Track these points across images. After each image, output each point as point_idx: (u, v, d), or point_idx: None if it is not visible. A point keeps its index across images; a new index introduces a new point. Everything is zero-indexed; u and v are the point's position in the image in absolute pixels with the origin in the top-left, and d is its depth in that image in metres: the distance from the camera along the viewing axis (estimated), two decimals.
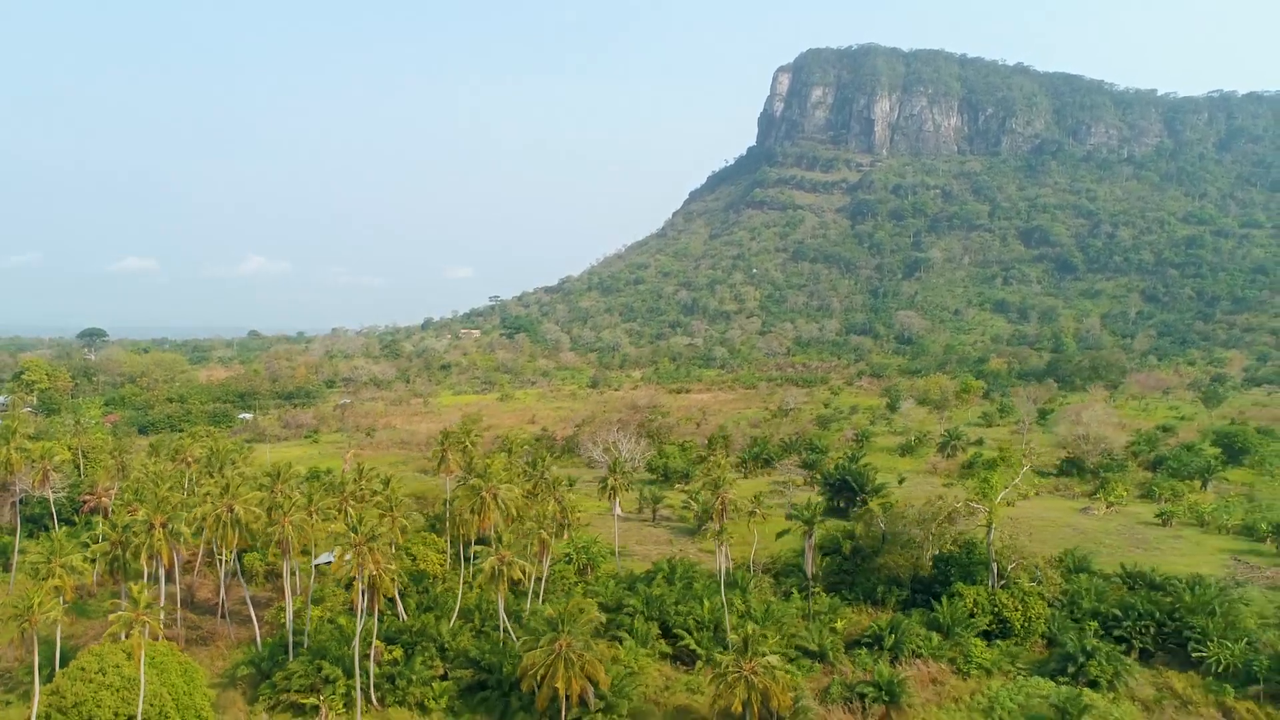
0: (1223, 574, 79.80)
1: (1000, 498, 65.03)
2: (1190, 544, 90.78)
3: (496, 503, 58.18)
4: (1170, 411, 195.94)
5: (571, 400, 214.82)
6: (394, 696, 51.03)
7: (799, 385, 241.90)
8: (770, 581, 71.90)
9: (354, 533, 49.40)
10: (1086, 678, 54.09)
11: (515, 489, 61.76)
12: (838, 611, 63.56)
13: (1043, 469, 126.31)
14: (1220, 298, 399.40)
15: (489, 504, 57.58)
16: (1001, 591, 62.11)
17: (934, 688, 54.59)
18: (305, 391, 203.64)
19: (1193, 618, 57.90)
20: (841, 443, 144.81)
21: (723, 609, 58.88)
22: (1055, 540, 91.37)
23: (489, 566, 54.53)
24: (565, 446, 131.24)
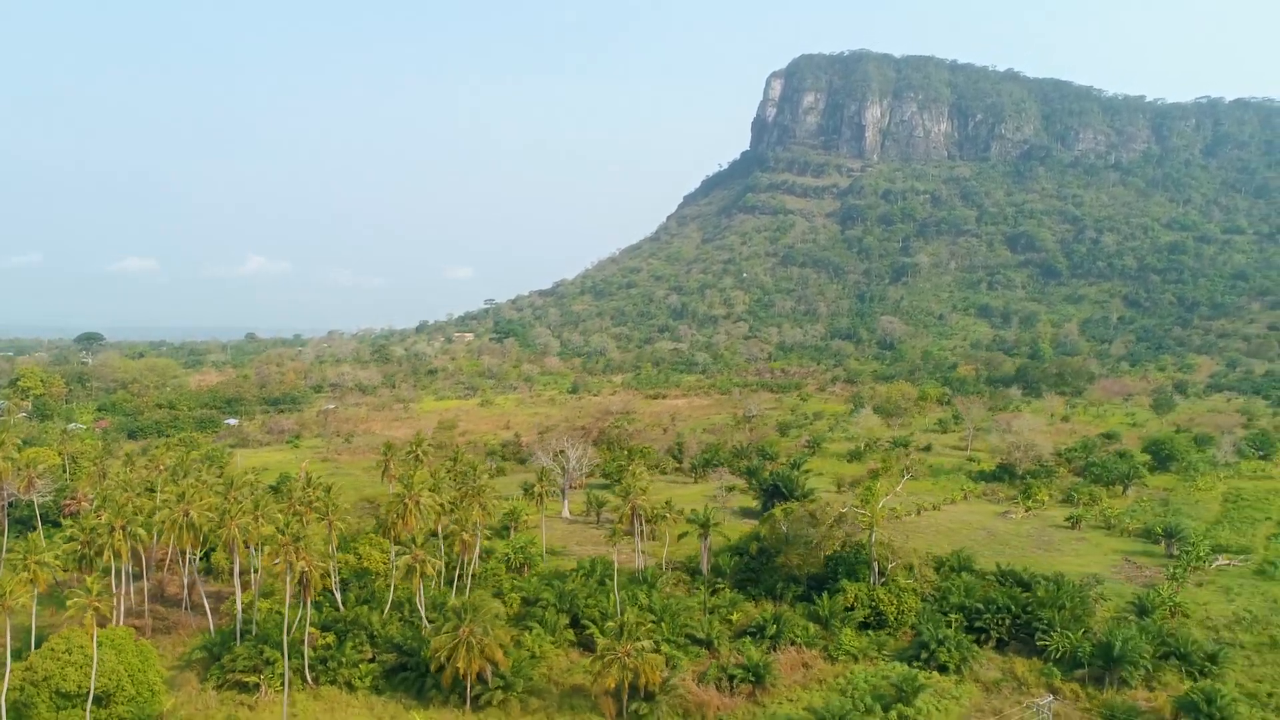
0: (1107, 573, 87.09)
1: (883, 504, 72.19)
2: (1091, 545, 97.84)
3: (418, 509, 65.66)
4: (1126, 418, 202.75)
5: (550, 406, 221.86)
6: (326, 677, 58.37)
7: (773, 391, 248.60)
8: (686, 578, 79.23)
9: (281, 535, 56.90)
10: (936, 662, 61.18)
11: (435, 497, 69.16)
12: (737, 605, 70.81)
13: (981, 473, 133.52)
14: (1200, 303, 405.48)
15: (410, 509, 65.08)
16: (880, 588, 69.28)
17: (804, 671, 61.66)
18: (291, 397, 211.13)
19: (1042, 611, 65.00)
20: (795, 449, 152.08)
21: (626, 602, 66.17)
22: (966, 542, 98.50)
23: (403, 564, 62.20)
24: (530, 452, 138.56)
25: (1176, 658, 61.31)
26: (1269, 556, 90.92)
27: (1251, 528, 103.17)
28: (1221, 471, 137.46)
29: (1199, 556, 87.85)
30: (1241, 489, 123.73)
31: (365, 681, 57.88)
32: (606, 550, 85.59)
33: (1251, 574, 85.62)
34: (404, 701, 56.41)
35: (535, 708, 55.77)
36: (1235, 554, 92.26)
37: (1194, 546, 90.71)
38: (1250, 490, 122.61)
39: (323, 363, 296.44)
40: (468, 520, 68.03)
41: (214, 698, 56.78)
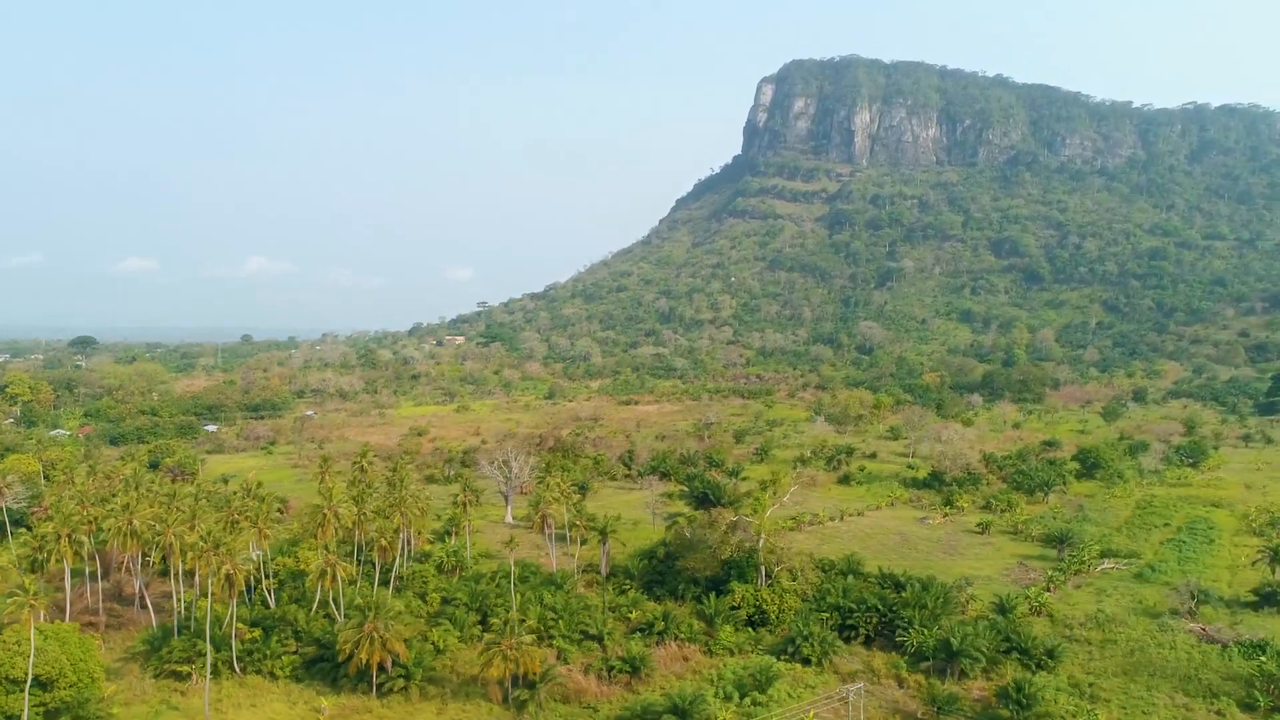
0: (998, 575, 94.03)
1: (770, 512, 79.09)
2: (994, 550, 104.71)
3: (336, 519, 72.75)
4: (1078, 424, 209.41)
5: (524, 412, 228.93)
6: (253, 667, 65.32)
7: (743, 396, 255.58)
8: (600, 579, 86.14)
9: (203, 543, 63.90)
10: (801, 655, 68.01)
11: (353, 508, 76.30)
12: (638, 604, 77.59)
13: (914, 480, 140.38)
14: (1177, 309, 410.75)
15: (329, 520, 72.15)
16: (765, 589, 76.16)
17: (683, 663, 68.44)
18: (272, 403, 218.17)
19: (905, 610, 71.77)
20: (745, 456, 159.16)
21: (531, 602, 73.17)
22: (878, 546, 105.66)
23: (316, 568, 69.29)
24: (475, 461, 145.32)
25: (1018, 652, 68.18)
26: (1152, 561, 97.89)
27: (1148, 533, 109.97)
28: (1146, 479, 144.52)
29: (1083, 561, 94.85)
30: (1156, 496, 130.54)
31: (286, 671, 64.94)
32: (542, 555, 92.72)
33: (1130, 577, 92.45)
34: (318, 689, 63.38)
35: (433, 694, 62.76)
36: (1123, 558, 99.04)
37: (1082, 551, 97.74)
38: (1163, 497, 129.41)
39: (308, 368, 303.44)
40: (388, 528, 75.18)
41: (151, 685, 63.84)
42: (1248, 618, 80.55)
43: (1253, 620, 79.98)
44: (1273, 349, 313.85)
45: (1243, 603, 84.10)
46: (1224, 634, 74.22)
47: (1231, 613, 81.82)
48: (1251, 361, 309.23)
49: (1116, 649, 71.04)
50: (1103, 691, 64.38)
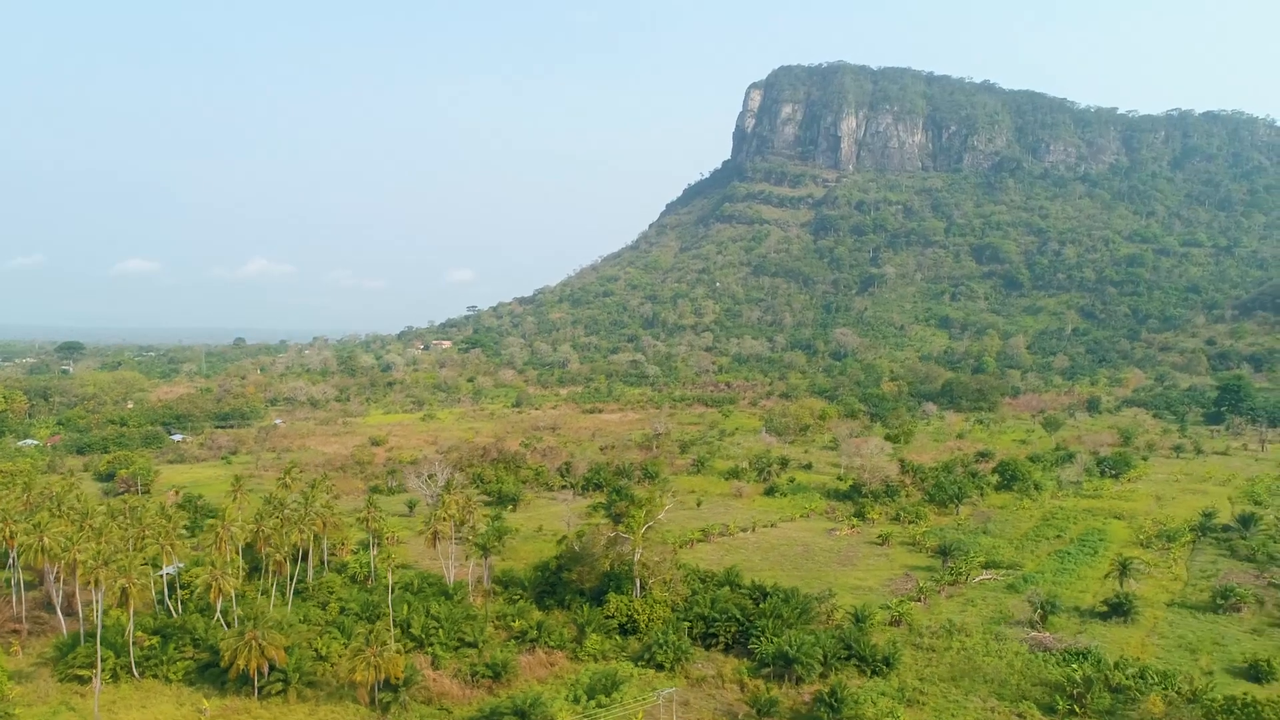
0: (881, 585, 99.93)
1: (644, 529, 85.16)
2: (887, 561, 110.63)
3: (229, 536, 78.97)
4: (1025, 434, 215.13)
5: (488, 420, 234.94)
6: (150, 672, 71.55)
7: (706, 405, 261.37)
8: (500, 589, 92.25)
9: (92, 561, 70.18)
10: (655, 661, 74.13)
11: (245, 527, 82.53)
12: (524, 614, 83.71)
13: (837, 492, 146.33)
14: (1151, 316, 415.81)
15: (222, 538, 78.37)
16: (638, 599, 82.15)
17: (548, 669, 74.57)
18: (241, 413, 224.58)
19: (761, 620, 77.87)
20: (685, 467, 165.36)
21: (418, 612, 79.30)
22: (778, 557, 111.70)
23: (201, 582, 75.53)
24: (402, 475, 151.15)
25: (857, 659, 74.25)
26: (1029, 572, 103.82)
27: (1038, 545, 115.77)
28: (1064, 490, 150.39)
29: (962, 571, 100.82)
30: (1062, 508, 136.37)
31: (179, 675, 71.13)
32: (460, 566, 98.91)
33: (1003, 587, 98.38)
34: (206, 692, 69.49)
35: (309, 696, 68.85)
36: (1004, 569, 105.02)
37: (964, 562, 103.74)
38: (1069, 509, 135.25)
39: (286, 375, 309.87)
40: (283, 543, 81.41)
41: (55, 688, 70.13)
42: (1093, 627, 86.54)
43: (1097, 629, 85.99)
44: (1234, 357, 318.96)
45: (1095, 613, 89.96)
46: (1057, 642, 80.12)
47: (1080, 622, 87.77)
48: (1213, 370, 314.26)
49: (951, 656, 77.03)
50: (924, 696, 70.33)
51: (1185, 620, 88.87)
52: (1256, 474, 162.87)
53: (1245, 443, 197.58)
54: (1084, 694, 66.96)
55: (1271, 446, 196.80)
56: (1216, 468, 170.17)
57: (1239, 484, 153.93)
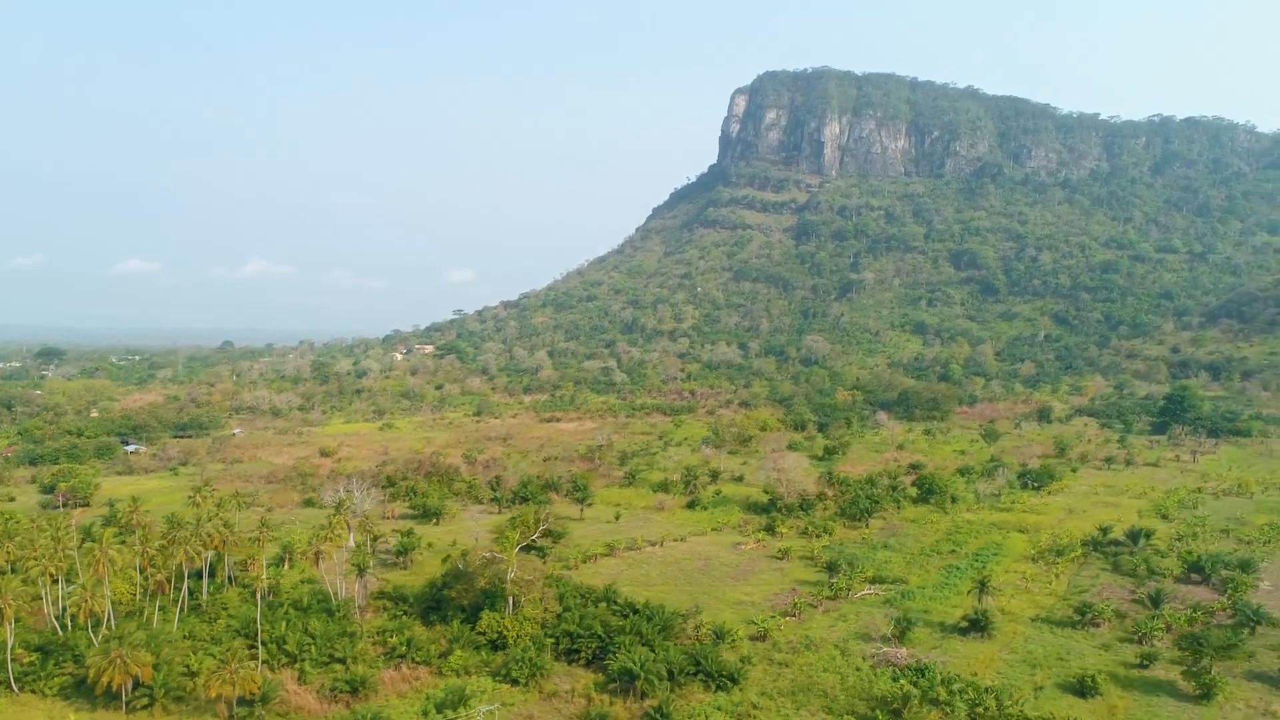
0: (766, 600, 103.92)
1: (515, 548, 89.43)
2: (780, 576, 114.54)
3: (108, 558, 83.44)
4: (967, 444, 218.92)
5: (446, 430, 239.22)
6: (30, 687, 75.89)
7: (665, 414, 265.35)
8: (390, 605, 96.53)
9: None
10: (510, 676, 78.34)
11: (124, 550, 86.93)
12: (404, 630, 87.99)
13: (756, 505, 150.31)
14: (1122, 323, 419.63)
15: (100, 559, 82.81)
16: (509, 616, 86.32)
17: (411, 684, 78.76)
18: (200, 422, 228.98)
19: (619, 637, 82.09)
20: (617, 479, 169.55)
21: (293, 629, 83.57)
22: (678, 571, 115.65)
23: (74, 603, 79.85)
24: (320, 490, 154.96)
25: (704, 675, 78.44)
26: (911, 588, 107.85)
27: (931, 559, 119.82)
28: (982, 502, 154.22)
29: (844, 587, 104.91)
30: (970, 521, 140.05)
31: (54, 690, 75.53)
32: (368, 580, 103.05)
33: (880, 603, 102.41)
34: (78, 706, 73.88)
35: (174, 711, 73.08)
36: (889, 584, 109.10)
37: (850, 577, 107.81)
38: (976, 522, 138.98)
39: (257, 381, 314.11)
40: (167, 562, 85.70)
41: None
42: (951, 642, 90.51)
43: (954, 644, 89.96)
44: (1194, 365, 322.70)
45: (957, 628, 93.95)
46: (909, 657, 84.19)
47: (940, 637, 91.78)
48: (1172, 378, 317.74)
49: (794, 672, 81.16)
50: (758, 711, 74.35)
51: (1042, 635, 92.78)
52: (1176, 486, 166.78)
53: (1179, 454, 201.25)
54: (901, 709, 71.06)
55: (1205, 457, 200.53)
56: (1140, 480, 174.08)
57: (1155, 497, 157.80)
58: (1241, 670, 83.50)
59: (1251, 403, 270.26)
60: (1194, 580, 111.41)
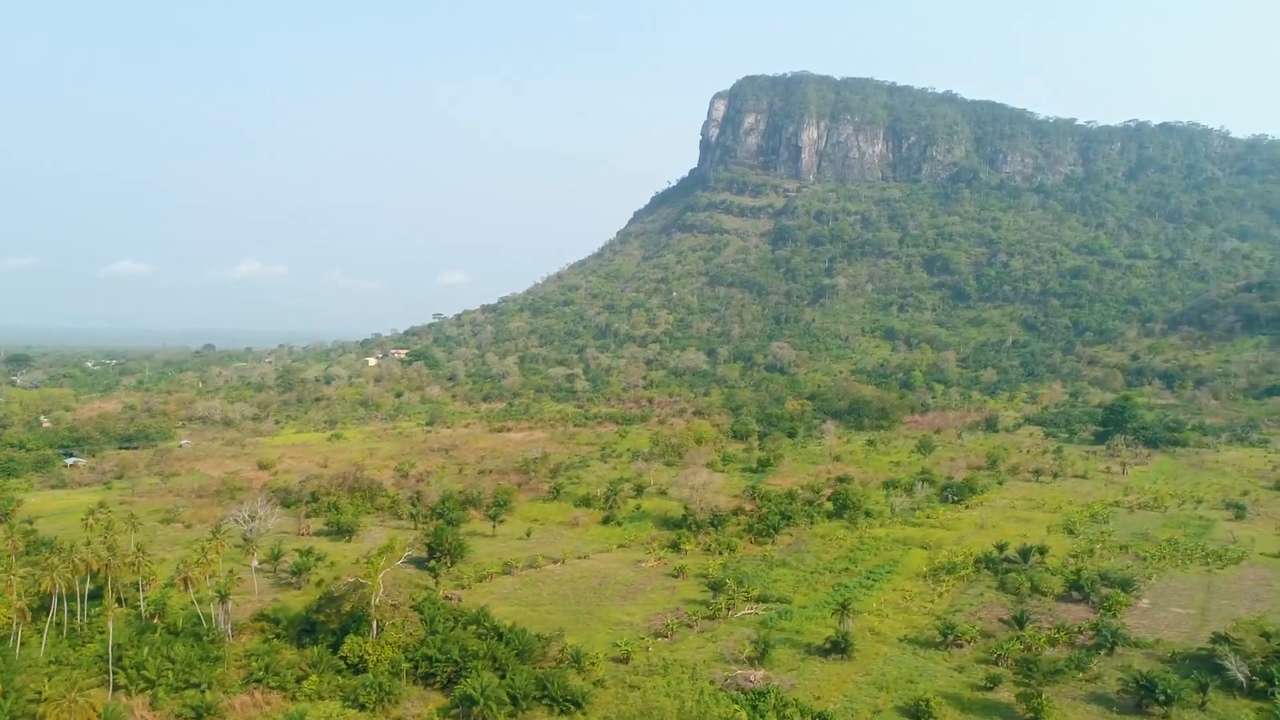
0: (645, 620, 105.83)
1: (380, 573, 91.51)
2: (669, 594, 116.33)
3: None
4: (906, 455, 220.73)
5: (395, 440, 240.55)
6: None
7: (618, 422, 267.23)
8: (270, 627, 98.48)
9: None
10: (359, 701, 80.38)
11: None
12: (267, 654, 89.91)
13: (671, 520, 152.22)
14: (1089, 329, 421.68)
15: None
16: (370, 640, 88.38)
17: (261, 708, 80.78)
18: (146, 434, 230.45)
19: (472, 661, 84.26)
20: (543, 493, 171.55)
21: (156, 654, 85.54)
22: (571, 589, 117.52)
23: None
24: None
25: (549, 699, 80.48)
26: (793, 607, 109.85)
27: (821, 578, 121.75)
28: (898, 517, 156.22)
29: (718, 607, 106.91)
30: (877, 537, 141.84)
31: None
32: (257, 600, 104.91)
33: (756, 623, 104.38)
34: None
35: None
36: (775, 603, 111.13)
37: (734, 596, 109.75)
38: (881, 539, 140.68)
39: (218, 389, 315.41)
40: (31, 589, 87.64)
41: None
42: (811, 664, 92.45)
43: (813, 666, 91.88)
44: (1149, 373, 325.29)
45: (820, 649, 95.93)
46: (765, 681, 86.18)
47: (802, 659, 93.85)
48: (1127, 385, 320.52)
49: (640, 695, 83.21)
50: None
51: (903, 657, 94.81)
52: (1095, 500, 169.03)
53: (1111, 465, 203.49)
54: None
55: (1137, 469, 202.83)
56: (1063, 493, 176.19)
57: (1070, 511, 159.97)
58: (1084, 693, 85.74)
59: (1200, 411, 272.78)
60: (1075, 598, 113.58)
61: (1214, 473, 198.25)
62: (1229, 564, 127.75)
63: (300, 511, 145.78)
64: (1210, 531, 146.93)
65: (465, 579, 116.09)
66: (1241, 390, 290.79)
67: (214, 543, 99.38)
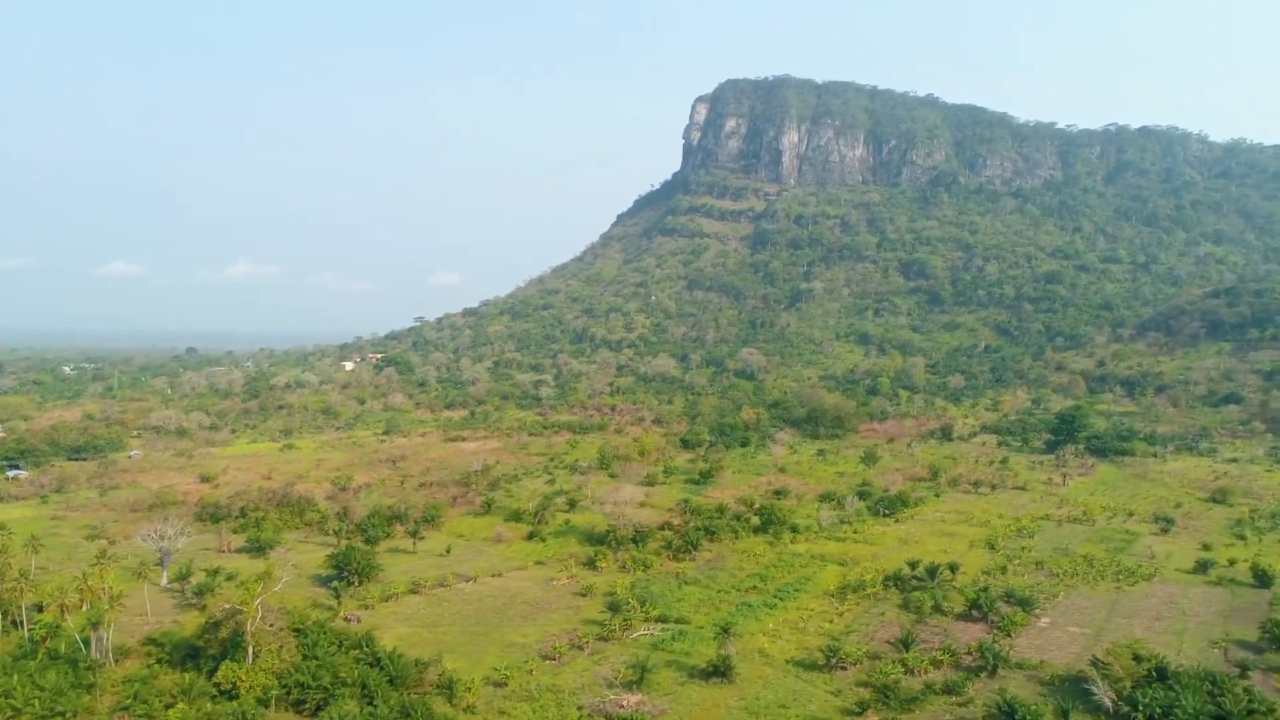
0: (537, 642, 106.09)
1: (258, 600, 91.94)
2: (572, 615, 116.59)
3: None
4: (850, 466, 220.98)
5: (348, 450, 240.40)
6: None
7: (575, 431, 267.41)
8: (156, 649, 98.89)
9: None
10: None
11: None
12: (154, 680, 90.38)
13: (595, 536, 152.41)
14: (1061, 334, 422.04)
15: None
16: (244, 666, 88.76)
17: None
18: (96, 444, 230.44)
19: (340, 689, 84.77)
20: (476, 507, 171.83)
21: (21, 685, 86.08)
22: (476, 608, 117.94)
23: None
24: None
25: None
26: (687, 629, 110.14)
27: (728, 596, 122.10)
28: (825, 531, 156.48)
29: (612, 627, 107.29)
30: (797, 554, 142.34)
31: None
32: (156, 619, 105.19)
33: (648, 646, 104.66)
34: None
35: None
36: (674, 623, 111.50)
37: (619, 619, 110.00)
38: (800, 555, 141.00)
39: (186, 396, 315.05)
40: None
41: None
42: (690, 688, 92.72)
43: (693, 690, 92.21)
44: (1111, 380, 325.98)
45: (703, 672, 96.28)
46: (639, 706, 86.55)
47: (683, 681, 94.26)
48: (1091, 392, 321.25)
49: None
50: None
51: (785, 680, 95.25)
52: (1027, 513, 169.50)
53: (1053, 476, 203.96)
54: None
55: (1081, 479, 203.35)
56: (997, 506, 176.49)
57: (999, 524, 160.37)
58: (952, 718, 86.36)
59: (1157, 419, 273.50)
60: (975, 618, 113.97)
61: (1155, 484, 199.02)
62: (1139, 581, 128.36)
63: (223, 528, 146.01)
64: (1132, 546, 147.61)
65: (370, 599, 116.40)
66: (1200, 397, 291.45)
67: (97, 567, 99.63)
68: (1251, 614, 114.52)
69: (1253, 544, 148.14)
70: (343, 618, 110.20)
